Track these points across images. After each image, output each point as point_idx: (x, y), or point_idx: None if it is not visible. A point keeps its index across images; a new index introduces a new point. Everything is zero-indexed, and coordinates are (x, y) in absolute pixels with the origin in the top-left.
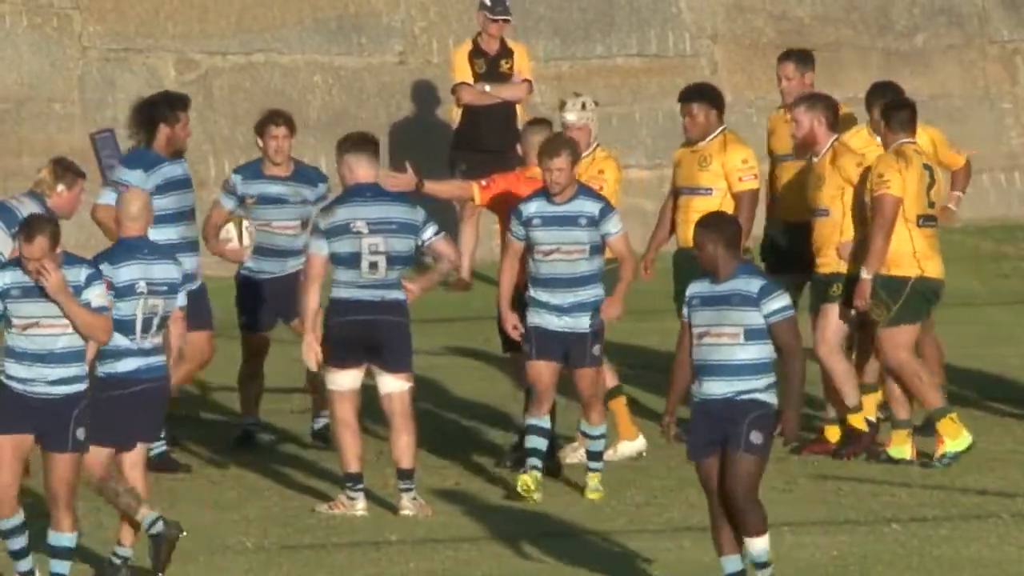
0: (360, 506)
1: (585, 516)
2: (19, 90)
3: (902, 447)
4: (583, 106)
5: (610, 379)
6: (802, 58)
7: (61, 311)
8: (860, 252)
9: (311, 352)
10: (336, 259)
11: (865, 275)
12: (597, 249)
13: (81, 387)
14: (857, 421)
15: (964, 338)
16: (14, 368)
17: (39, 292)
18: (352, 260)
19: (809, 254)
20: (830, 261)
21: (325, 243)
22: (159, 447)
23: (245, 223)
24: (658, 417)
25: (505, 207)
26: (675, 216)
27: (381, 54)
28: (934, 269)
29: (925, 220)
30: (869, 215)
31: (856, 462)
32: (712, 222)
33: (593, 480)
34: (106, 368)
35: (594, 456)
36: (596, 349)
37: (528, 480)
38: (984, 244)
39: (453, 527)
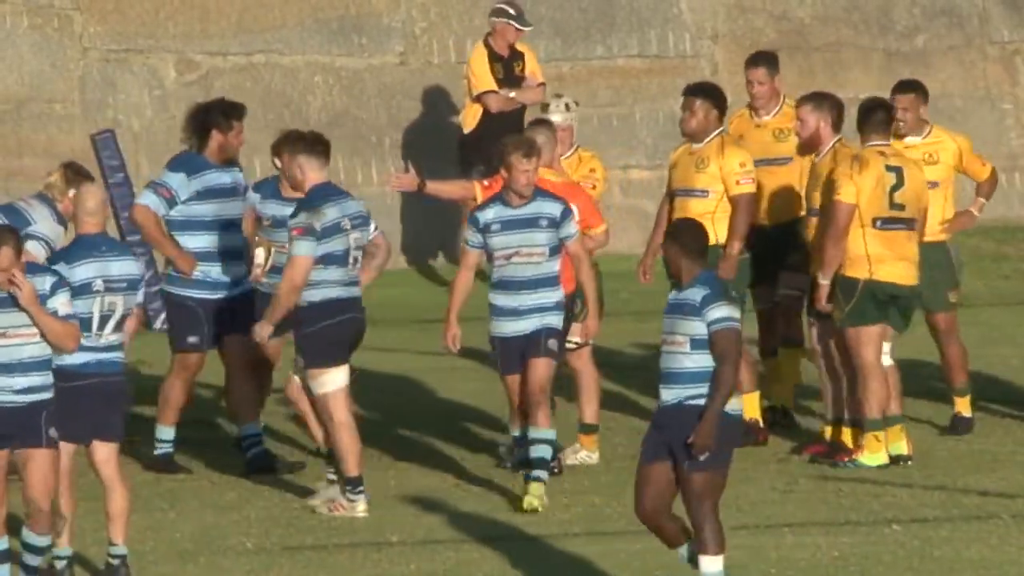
0: (361, 508)
1: (585, 517)
2: (20, 90)
3: (897, 443)
4: (567, 107)
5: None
6: (772, 61)
7: (31, 321)
8: (818, 256)
9: (265, 334)
10: (328, 259)
11: (822, 280)
12: (556, 251)
13: (48, 395)
14: (845, 435)
15: (965, 339)
16: None
17: (6, 302)
18: (343, 258)
19: (793, 255)
20: None
21: (317, 245)
22: (165, 448)
23: (273, 248)
24: None
25: None
26: (671, 218)
27: (382, 55)
28: (888, 273)
29: (884, 223)
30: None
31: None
32: (676, 231)
33: (536, 489)
34: (56, 360)
35: (540, 464)
36: (551, 343)
37: (533, 500)
38: (985, 245)
39: (453, 528)
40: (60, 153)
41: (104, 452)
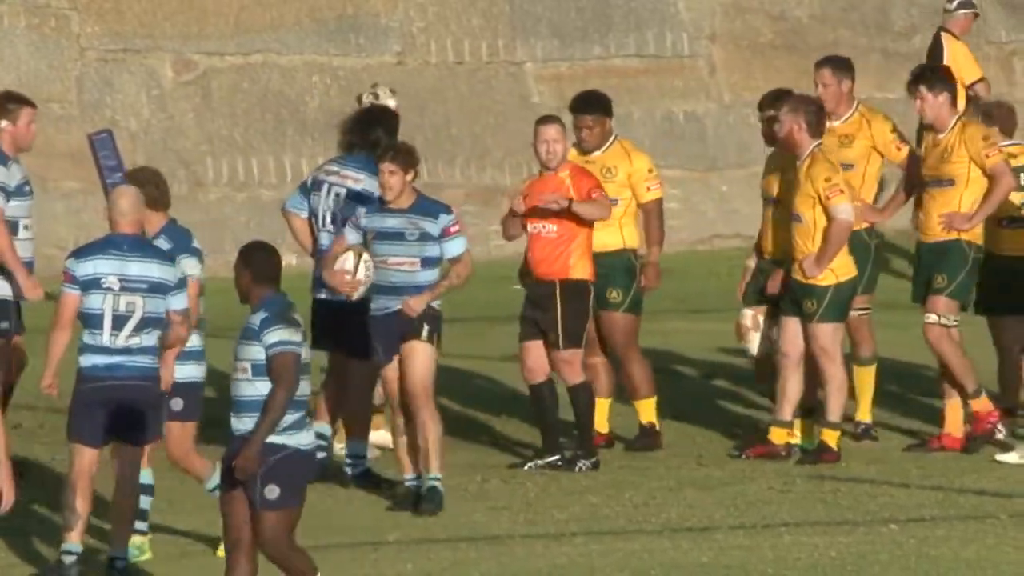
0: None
1: (583, 516)
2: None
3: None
4: (392, 92)
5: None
6: (840, 64)
7: None
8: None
9: None
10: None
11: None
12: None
13: None
14: (831, 438)
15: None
16: None
17: None
18: None
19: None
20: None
21: None
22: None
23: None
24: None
25: None
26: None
27: (379, 54)
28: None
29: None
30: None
31: (854, 463)
32: (247, 254)
33: (137, 543)
34: (79, 362)
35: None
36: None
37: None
38: None
39: (451, 527)
40: (58, 153)
41: (125, 453)
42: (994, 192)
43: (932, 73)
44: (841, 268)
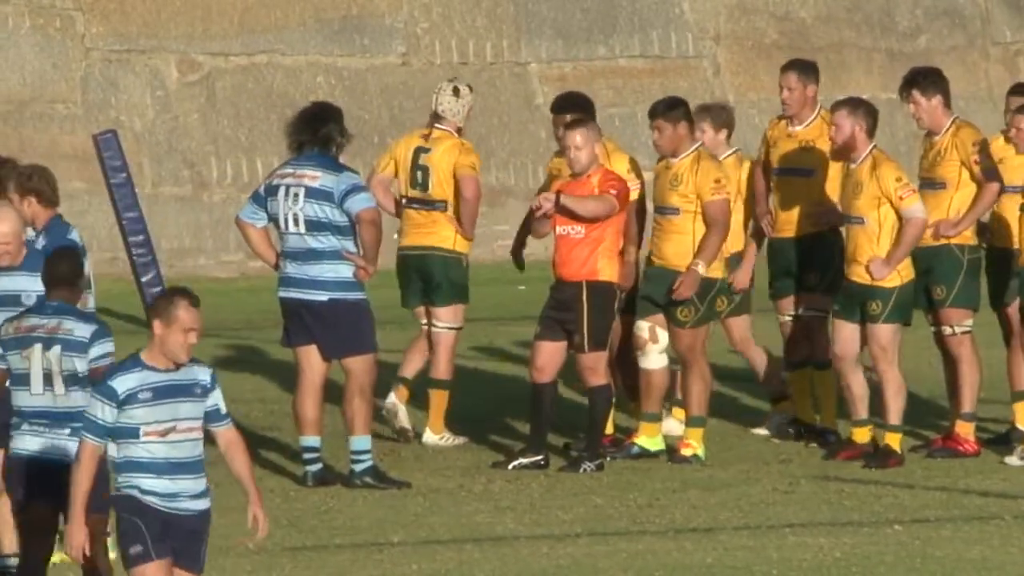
0: None
1: (587, 517)
2: (22, 91)
3: (654, 438)
4: (470, 88)
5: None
6: (806, 68)
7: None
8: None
9: None
10: None
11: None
12: None
13: (210, 501)
14: (893, 440)
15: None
16: (150, 482)
17: (178, 391)
18: None
19: (812, 275)
20: (865, 272)
21: None
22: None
23: None
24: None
25: None
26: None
27: (384, 55)
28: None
29: None
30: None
31: (858, 463)
32: (52, 261)
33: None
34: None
35: None
36: None
37: None
38: None
39: (455, 528)
40: (62, 154)
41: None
42: (981, 199)
43: (924, 77)
44: (905, 269)
